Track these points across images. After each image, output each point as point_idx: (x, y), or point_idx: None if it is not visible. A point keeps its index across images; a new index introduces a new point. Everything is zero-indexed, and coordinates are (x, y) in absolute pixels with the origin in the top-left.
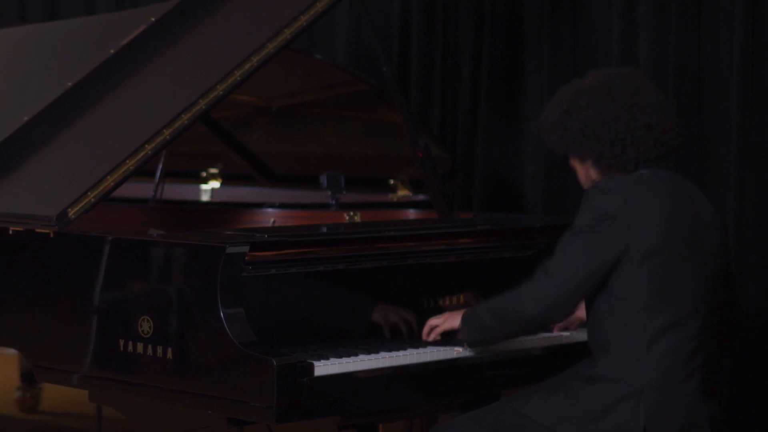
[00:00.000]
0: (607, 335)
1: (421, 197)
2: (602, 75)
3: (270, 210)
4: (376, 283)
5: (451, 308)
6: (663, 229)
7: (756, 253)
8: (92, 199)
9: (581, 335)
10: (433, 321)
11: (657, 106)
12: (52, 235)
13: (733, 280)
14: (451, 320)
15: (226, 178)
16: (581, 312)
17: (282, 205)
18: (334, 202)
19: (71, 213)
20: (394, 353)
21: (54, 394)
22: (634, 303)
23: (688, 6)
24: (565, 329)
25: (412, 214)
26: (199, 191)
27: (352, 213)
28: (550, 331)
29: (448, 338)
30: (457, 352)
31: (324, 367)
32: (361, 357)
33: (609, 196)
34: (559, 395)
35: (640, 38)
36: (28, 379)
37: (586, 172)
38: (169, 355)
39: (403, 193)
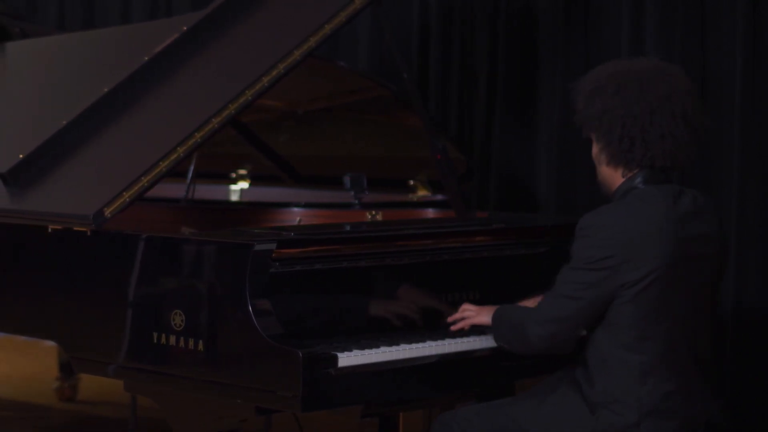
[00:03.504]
0: (605, 362)
1: (439, 197)
2: (646, 66)
3: (296, 209)
4: (396, 278)
5: (467, 302)
6: (656, 265)
7: (756, 253)
8: (127, 199)
9: None
10: (467, 309)
11: (682, 118)
12: (89, 233)
13: (719, 287)
14: (483, 316)
15: (255, 179)
16: None
17: (307, 205)
18: (357, 201)
19: (107, 212)
20: (413, 345)
21: (91, 384)
22: (627, 333)
23: (693, 14)
24: None
25: (430, 213)
26: (228, 191)
27: (374, 212)
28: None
29: (470, 328)
30: (471, 343)
31: (347, 359)
32: (383, 349)
33: (603, 235)
34: (563, 408)
35: (648, 49)
36: (67, 370)
37: (596, 153)
38: (200, 347)
39: (422, 193)
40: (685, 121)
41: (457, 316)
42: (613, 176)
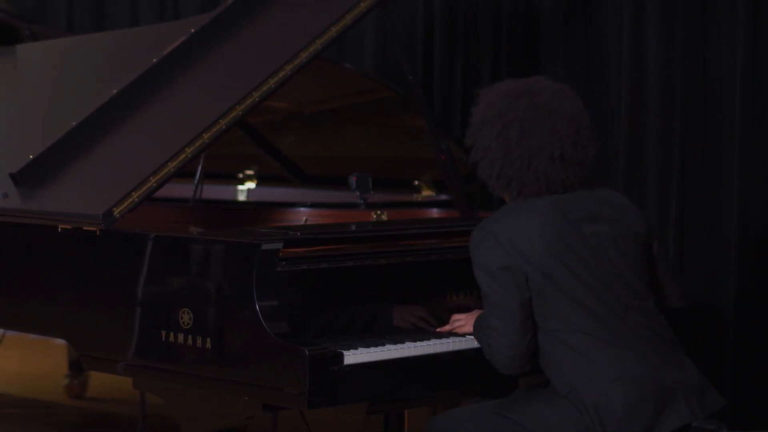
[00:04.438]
0: (552, 355)
1: (443, 197)
2: (535, 102)
3: (302, 209)
4: (401, 277)
5: (471, 302)
6: (542, 252)
7: (756, 252)
8: (136, 199)
9: None
10: (458, 318)
11: (560, 160)
12: (98, 232)
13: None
14: (470, 326)
15: (261, 179)
16: None
17: (313, 205)
18: (362, 201)
19: (116, 212)
20: (418, 343)
21: (100, 381)
22: (557, 322)
23: (694, 16)
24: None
25: (435, 213)
26: (236, 191)
27: (379, 212)
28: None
29: None
30: (475, 341)
31: (353, 356)
32: (388, 347)
33: (487, 246)
34: (548, 407)
35: (649, 49)
36: (76, 367)
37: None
38: (208, 345)
39: (426, 193)
40: (563, 162)
41: (446, 328)
42: (499, 193)
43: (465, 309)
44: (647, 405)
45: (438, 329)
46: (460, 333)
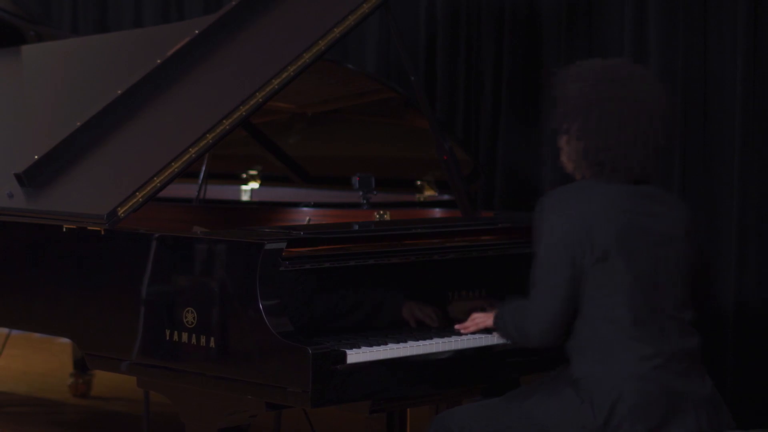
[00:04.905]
0: (578, 339)
1: (446, 197)
2: (629, 93)
3: (305, 209)
4: (403, 277)
5: (474, 300)
6: (607, 236)
7: (756, 252)
8: (140, 199)
9: None
10: (477, 316)
11: (654, 148)
12: (102, 232)
13: (696, 275)
14: (491, 319)
15: (265, 180)
16: None
17: (317, 205)
18: (365, 201)
19: (121, 212)
20: (420, 342)
21: (104, 380)
22: (594, 308)
23: (695, 19)
24: None
25: (437, 212)
26: (239, 192)
27: (381, 212)
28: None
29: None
30: (478, 340)
31: (356, 355)
32: (391, 346)
33: (554, 213)
34: (554, 400)
35: (650, 51)
36: (81, 366)
37: (563, 152)
38: (212, 343)
39: (429, 193)
40: (653, 152)
41: (467, 323)
42: (571, 171)
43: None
44: (656, 409)
45: (457, 326)
46: (481, 328)
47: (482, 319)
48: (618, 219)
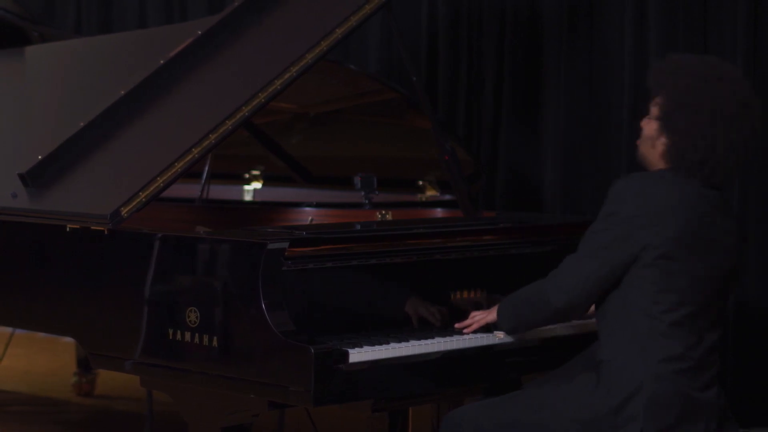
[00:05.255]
0: (613, 323)
1: (447, 197)
2: (736, 100)
3: (308, 209)
4: (405, 276)
5: (475, 300)
6: (678, 233)
7: (757, 252)
8: (143, 199)
9: None
10: (476, 314)
11: (745, 152)
12: (106, 232)
13: (735, 280)
14: (492, 314)
15: (268, 180)
16: None
17: (319, 205)
18: (367, 201)
19: (124, 212)
20: (422, 341)
21: (108, 379)
22: (640, 298)
23: (695, 19)
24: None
25: (439, 212)
26: (242, 191)
27: (383, 212)
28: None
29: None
30: (479, 339)
31: (358, 355)
32: (392, 345)
33: (632, 196)
34: (572, 386)
35: (651, 51)
36: (84, 365)
37: (653, 135)
38: (215, 343)
39: (431, 193)
40: (746, 153)
41: (467, 322)
42: (656, 161)
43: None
44: (670, 412)
45: (457, 325)
46: (482, 325)
47: (482, 315)
48: (688, 221)
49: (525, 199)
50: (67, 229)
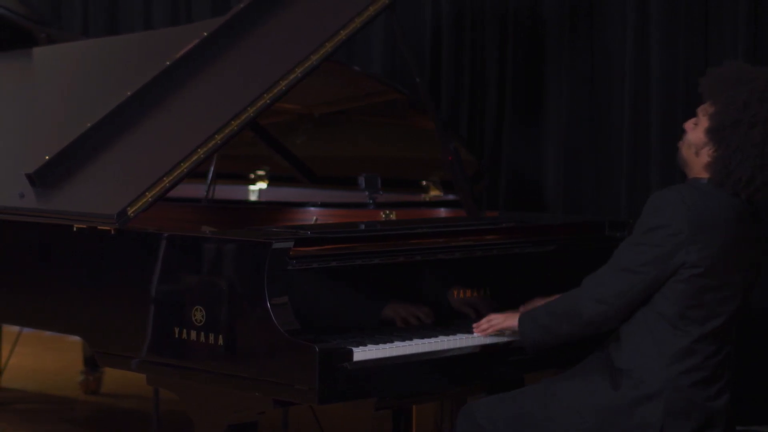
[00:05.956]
0: (636, 329)
1: (451, 197)
2: None
3: (312, 209)
4: (409, 275)
5: (478, 299)
6: (715, 250)
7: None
8: (150, 199)
9: None
10: (493, 317)
11: None
12: (112, 231)
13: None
14: (510, 320)
15: (273, 180)
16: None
17: (323, 205)
18: (371, 201)
19: (130, 211)
20: (426, 340)
21: (114, 377)
22: (669, 310)
23: (695, 20)
24: None
25: (442, 212)
26: (247, 191)
27: (387, 211)
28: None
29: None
30: (482, 338)
31: (362, 353)
32: (396, 344)
33: (675, 211)
34: (586, 383)
35: (652, 55)
36: (91, 364)
37: (700, 143)
38: (220, 341)
39: (434, 193)
40: None
41: (483, 324)
42: (698, 170)
43: (475, 306)
44: (687, 423)
45: (474, 325)
46: (498, 330)
47: (499, 320)
48: (729, 239)
49: (527, 199)
50: (74, 229)
